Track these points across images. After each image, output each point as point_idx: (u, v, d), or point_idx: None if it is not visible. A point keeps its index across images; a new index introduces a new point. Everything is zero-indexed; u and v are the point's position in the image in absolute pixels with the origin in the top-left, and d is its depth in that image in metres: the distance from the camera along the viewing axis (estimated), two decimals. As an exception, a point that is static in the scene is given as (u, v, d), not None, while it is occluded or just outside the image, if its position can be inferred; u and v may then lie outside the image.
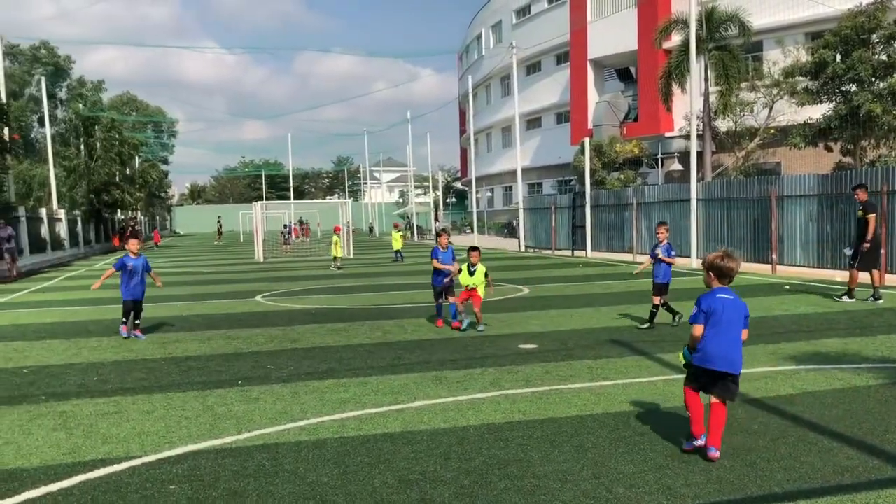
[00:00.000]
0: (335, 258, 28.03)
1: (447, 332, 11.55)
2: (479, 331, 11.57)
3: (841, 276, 18.44)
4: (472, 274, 11.66)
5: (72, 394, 8.00)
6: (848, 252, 14.72)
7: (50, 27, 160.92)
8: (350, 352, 10.08)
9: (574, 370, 8.54)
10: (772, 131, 31.70)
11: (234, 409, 7.12)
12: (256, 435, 6.26)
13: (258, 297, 17.47)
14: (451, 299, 12.03)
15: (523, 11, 55.90)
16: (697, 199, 23.51)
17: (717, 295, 5.46)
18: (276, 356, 9.89)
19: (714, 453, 5.32)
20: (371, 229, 77.06)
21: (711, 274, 5.54)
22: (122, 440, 6.21)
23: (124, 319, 11.95)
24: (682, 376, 8.12)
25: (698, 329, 5.42)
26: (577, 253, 31.20)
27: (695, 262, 22.75)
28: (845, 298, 14.06)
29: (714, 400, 5.47)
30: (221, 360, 9.76)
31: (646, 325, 11.63)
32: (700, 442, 5.42)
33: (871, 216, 13.72)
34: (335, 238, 28.57)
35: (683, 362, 5.68)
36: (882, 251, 15.59)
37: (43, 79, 48.37)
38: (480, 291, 11.74)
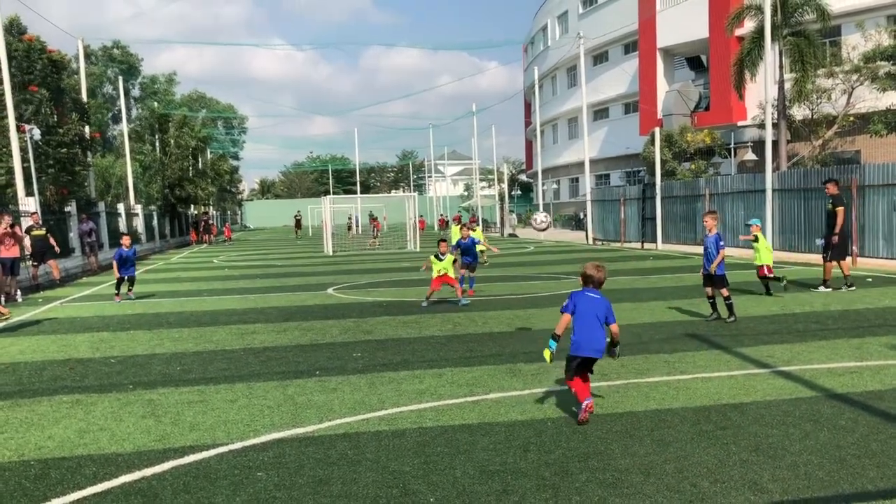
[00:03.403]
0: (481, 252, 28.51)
1: (518, 324, 11.54)
2: (462, 304, 13.94)
3: (927, 268, 17.74)
4: (440, 260, 14.15)
5: (157, 383, 8.29)
6: (819, 243, 15.15)
7: (125, 28, 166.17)
8: (423, 343, 10.17)
9: (650, 364, 8.44)
10: (851, 119, 30.62)
11: (313, 399, 7.27)
12: (337, 424, 6.38)
13: (329, 290, 17.75)
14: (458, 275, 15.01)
15: (590, 1, 55.22)
16: (773, 190, 22.87)
17: (586, 293, 6.49)
18: (350, 347, 10.05)
19: (586, 409, 6.19)
20: (445, 223, 77.13)
21: (581, 279, 6.67)
22: (209, 428, 6.41)
23: (116, 291, 16.71)
24: (763, 371, 8.02)
25: (566, 318, 6.38)
26: (646, 245, 30.74)
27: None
28: (821, 288, 14.45)
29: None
30: (298, 350, 9.97)
31: (713, 316, 11.47)
32: (588, 401, 6.22)
33: (840, 209, 14.47)
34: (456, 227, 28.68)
35: (549, 355, 6.45)
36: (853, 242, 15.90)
37: (121, 78, 50.00)
38: (451, 273, 14.22)
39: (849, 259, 15.18)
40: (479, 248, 14.42)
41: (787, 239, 23.54)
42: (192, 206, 59.10)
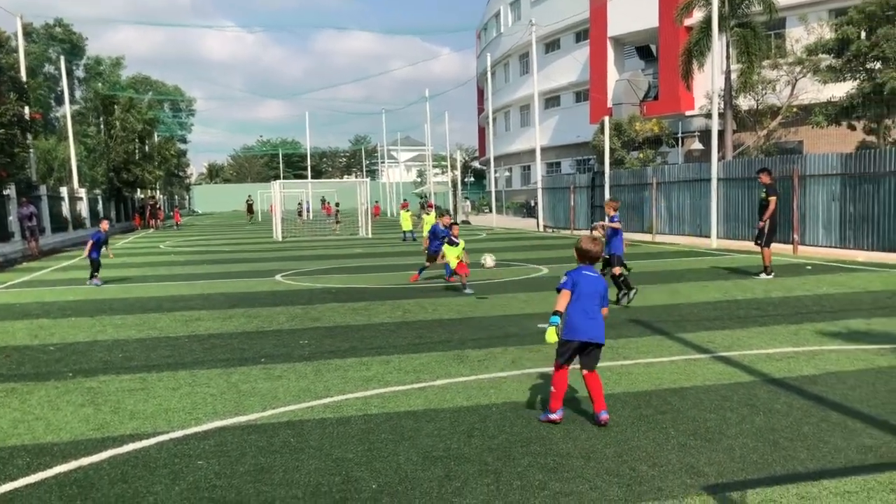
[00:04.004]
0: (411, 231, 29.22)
1: (467, 311, 11.59)
2: (467, 293, 13.51)
3: (864, 255, 18.32)
4: (455, 245, 14.02)
5: (98, 370, 8.11)
6: (757, 231, 15.53)
7: (69, 6, 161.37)
8: (371, 330, 10.15)
9: (595, 349, 8.54)
10: (794, 110, 31.32)
11: (258, 387, 7.20)
12: (281, 412, 6.34)
13: (278, 276, 17.58)
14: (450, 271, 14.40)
15: (542, -12, 55.30)
16: (718, 179, 23.32)
17: (582, 271, 5.94)
18: (297, 334, 9.97)
19: (605, 415, 5.71)
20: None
21: (576, 254, 6.10)
22: (149, 416, 6.31)
23: (95, 273, 16.63)
24: (703, 356, 8.18)
25: (566, 295, 5.83)
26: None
27: (714, 243, 22.62)
28: (763, 276, 14.89)
29: (585, 371, 5.84)
30: (244, 337, 9.86)
31: (624, 294, 11.90)
32: (555, 416, 5.79)
33: (773, 199, 14.92)
34: (426, 216, 28.49)
35: (554, 332, 5.79)
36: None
37: (62, 57, 48.59)
38: (452, 263, 13.94)
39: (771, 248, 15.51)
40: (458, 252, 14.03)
41: (732, 227, 24.06)
42: (139, 190, 57.86)
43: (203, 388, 7.19)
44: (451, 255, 14.00)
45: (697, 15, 32.24)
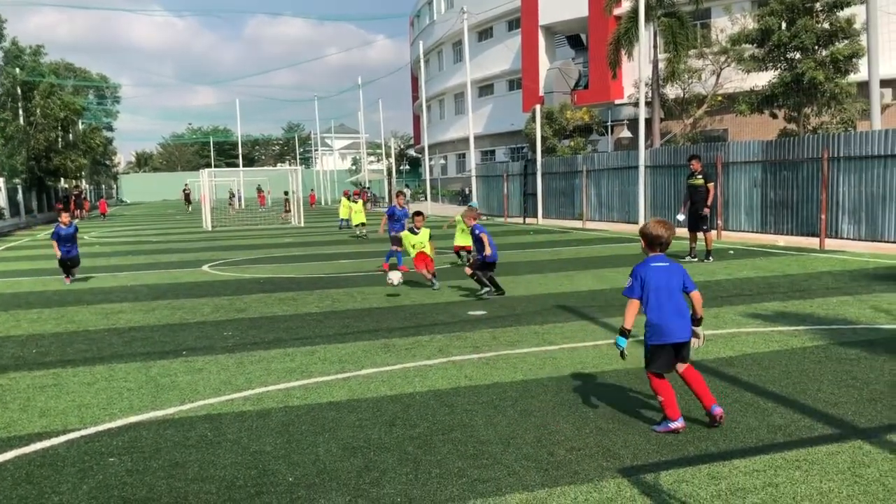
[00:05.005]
0: (361, 224, 26.62)
1: (396, 301, 11.54)
2: (434, 288, 12.47)
3: (784, 240, 18.92)
4: (415, 234, 12.78)
5: (9, 367, 7.80)
6: (681, 218, 15.85)
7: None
8: (298, 321, 10.02)
9: (521, 335, 8.62)
10: (719, 98, 32.10)
11: (177, 380, 7.03)
12: (200, 405, 6.19)
13: (205, 267, 17.22)
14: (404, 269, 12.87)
15: (475, -24, 55.30)
16: (645, 167, 23.76)
17: (651, 264, 5.27)
18: (221, 326, 9.77)
19: (719, 409, 5.24)
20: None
21: (643, 241, 5.38)
22: (61, 413, 6.09)
23: (64, 273, 14.86)
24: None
25: (635, 304, 5.22)
26: (528, 220, 31.38)
27: (643, 229, 23.06)
28: (688, 258, 15.53)
29: (681, 370, 5.32)
30: (166, 330, 9.62)
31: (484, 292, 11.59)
32: (677, 424, 5.16)
33: (711, 185, 15.60)
34: (353, 204, 27.56)
35: (621, 355, 5.36)
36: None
37: (-24, 42, 46.44)
38: (429, 252, 12.68)
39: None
40: (420, 240, 12.57)
41: (659, 213, 24.52)
42: (63, 179, 55.88)
43: (120, 383, 6.98)
44: (409, 243, 12.89)
45: (626, 4, 32.69)
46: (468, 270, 11.83)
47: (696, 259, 15.39)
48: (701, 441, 5.06)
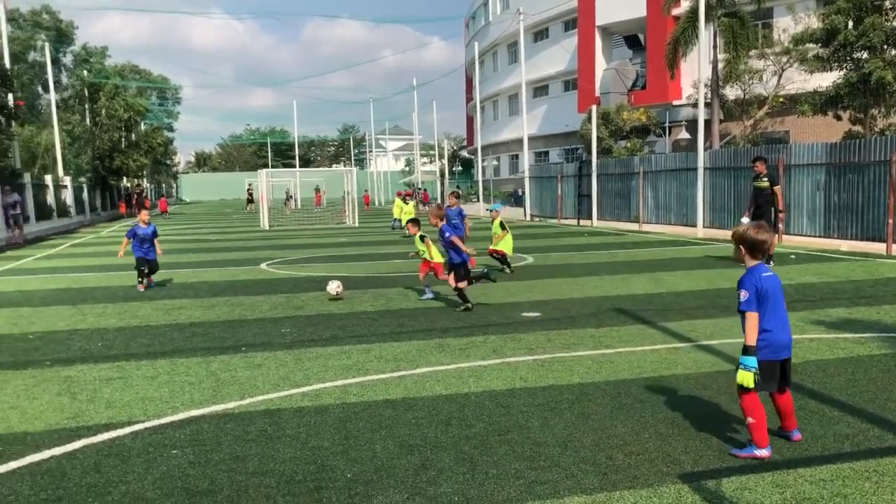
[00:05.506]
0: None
1: (450, 301, 11.55)
2: (421, 298, 11.76)
3: (847, 245, 18.38)
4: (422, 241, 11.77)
5: (76, 359, 8.04)
6: (745, 221, 15.13)
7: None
8: (353, 319, 10.10)
9: (576, 338, 8.54)
10: (780, 100, 31.37)
11: (237, 375, 7.15)
12: (259, 400, 6.29)
13: (263, 265, 17.49)
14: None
15: (531, -23, 55.09)
16: (704, 168, 23.35)
17: (762, 275, 4.74)
18: (279, 323, 9.92)
19: (798, 435, 5.01)
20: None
21: (743, 249, 4.84)
22: (126, 405, 6.25)
23: (140, 279, 13.51)
24: (685, 345, 8.16)
25: (755, 317, 4.66)
26: (582, 222, 31.11)
27: (700, 233, 22.68)
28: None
29: (778, 394, 4.91)
30: (225, 326, 9.80)
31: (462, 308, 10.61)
32: (764, 452, 4.71)
33: (778, 187, 15.32)
34: (405, 205, 27.86)
35: (752, 378, 4.64)
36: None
37: (47, 44, 48.05)
38: (430, 257, 11.64)
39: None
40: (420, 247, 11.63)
41: (718, 216, 24.08)
42: (125, 178, 57.44)
43: (181, 377, 7.14)
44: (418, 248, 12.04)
45: (685, 4, 32.16)
46: (452, 283, 10.64)
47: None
48: (775, 452, 4.93)
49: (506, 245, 14.81)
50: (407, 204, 28.20)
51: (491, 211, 15.24)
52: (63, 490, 4.51)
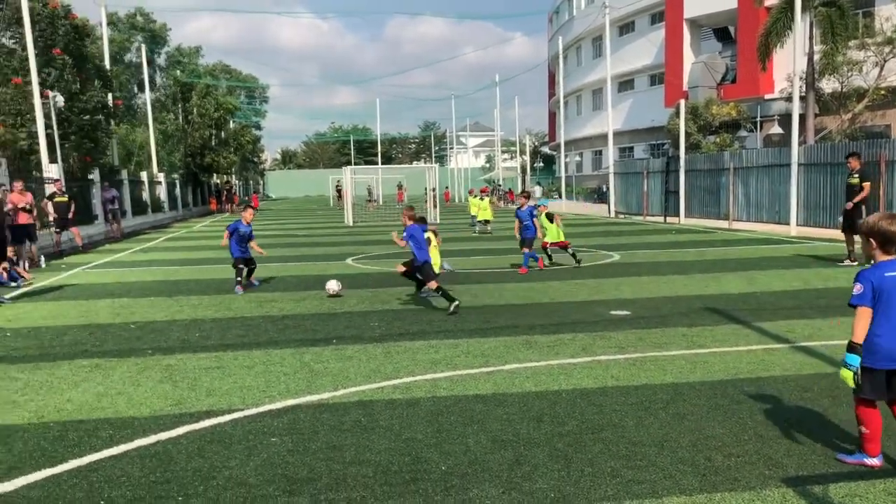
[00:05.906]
0: (486, 221, 27.17)
1: (535, 297, 11.50)
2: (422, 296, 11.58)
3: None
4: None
5: (176, 348, 8.35)
6: (840, 218, 15.28)
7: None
8: (440, 314, 10.16)
9: (668, 337, 8.37)
10: (881, 92, 29.98)
11: (329, 367, 7.30)
12: (352, 392, 6.40)
13: (348, 260, 17.79)
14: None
15: (616, -30, 54.21)
16: (798, 164, 22.53)
17: (886, 273, 4.34)
18: (367, 317, 10.06)
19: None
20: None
21: (874, 242, 4.42)
22: (225, 393, 6.46)
23: (238, 279, 12.99)
24: (782, 346, 7.91)
25: (867, 313, 4.35)
26: (669, 219, 30.46)
27: (794, 231, 21.91)
28: (847, 262, 14.53)
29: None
30: (316, 319, 10.01)
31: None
32: (874, 461, 4.47)
33: (867, 184, 14.72)
34: (480, 202, 28.05)
35: (852, 377, 4.38)
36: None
37: (143, 45, 50.06)
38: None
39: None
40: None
41: (812, 214, 23.19)
42: (215, 174, 59.27)
43: (276, 367, 7.33)
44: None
45: (779, -6, 31.10)
46: (432, 285, 10.67)
47: (856, 263, 14.29)
48: (873, 455, 4.74)
49: (552, 235, 15.24)
50: (482, 200, 28.17)
51: (538, 206, 15.44)
52: (171, 473, 4.69)
